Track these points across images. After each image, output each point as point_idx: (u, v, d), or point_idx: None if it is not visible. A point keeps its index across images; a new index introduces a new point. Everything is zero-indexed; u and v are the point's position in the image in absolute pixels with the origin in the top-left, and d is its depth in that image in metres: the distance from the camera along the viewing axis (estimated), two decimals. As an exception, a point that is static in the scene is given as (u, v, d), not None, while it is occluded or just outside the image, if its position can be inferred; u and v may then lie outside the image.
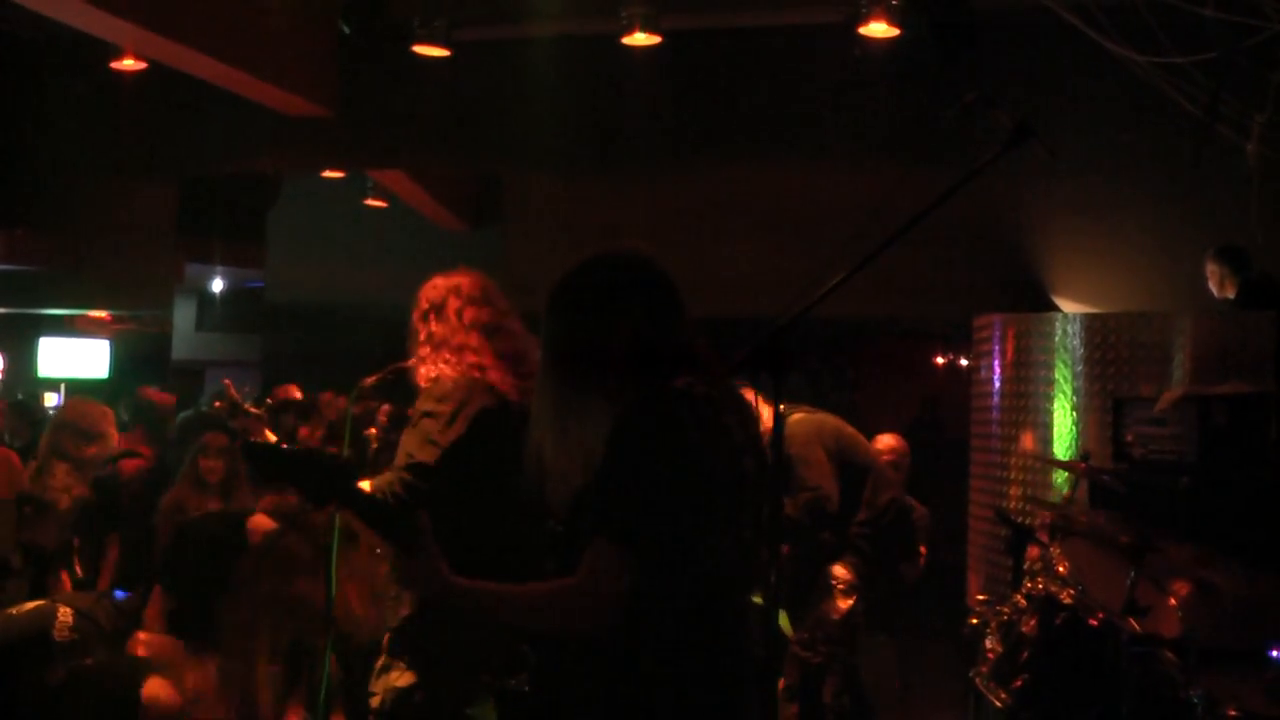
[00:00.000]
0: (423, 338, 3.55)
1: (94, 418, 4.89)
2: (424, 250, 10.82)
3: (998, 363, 6.04)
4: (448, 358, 3.51)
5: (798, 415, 5.18)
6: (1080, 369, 5.45)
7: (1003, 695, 3.58)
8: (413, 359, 3.57)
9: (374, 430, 6.53)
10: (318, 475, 2.49)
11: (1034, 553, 4.26)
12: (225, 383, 4.41)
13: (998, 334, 6.07)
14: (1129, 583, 3.43)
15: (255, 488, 5.22)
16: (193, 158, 9.81)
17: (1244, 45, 5.89)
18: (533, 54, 8.48)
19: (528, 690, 2.36)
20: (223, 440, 5.35)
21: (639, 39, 7.48)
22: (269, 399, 7.05)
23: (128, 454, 5.49)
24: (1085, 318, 5.68)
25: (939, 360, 13.43)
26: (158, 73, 8.38)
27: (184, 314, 13.93)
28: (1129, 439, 5.01)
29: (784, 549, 5.05)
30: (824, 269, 2.28)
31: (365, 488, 3.35)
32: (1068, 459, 5.32)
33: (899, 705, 5.74)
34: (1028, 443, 5.68)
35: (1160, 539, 3.56)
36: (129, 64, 8.36)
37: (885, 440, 6.14)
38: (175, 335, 13.79)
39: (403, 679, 3.60)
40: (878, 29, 7.04)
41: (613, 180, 8.92)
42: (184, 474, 5.38)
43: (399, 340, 3.61)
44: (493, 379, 3.48)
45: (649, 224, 8.57)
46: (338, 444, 5.72)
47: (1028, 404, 5.70)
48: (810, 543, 5.03)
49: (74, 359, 13.30)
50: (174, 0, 7.35)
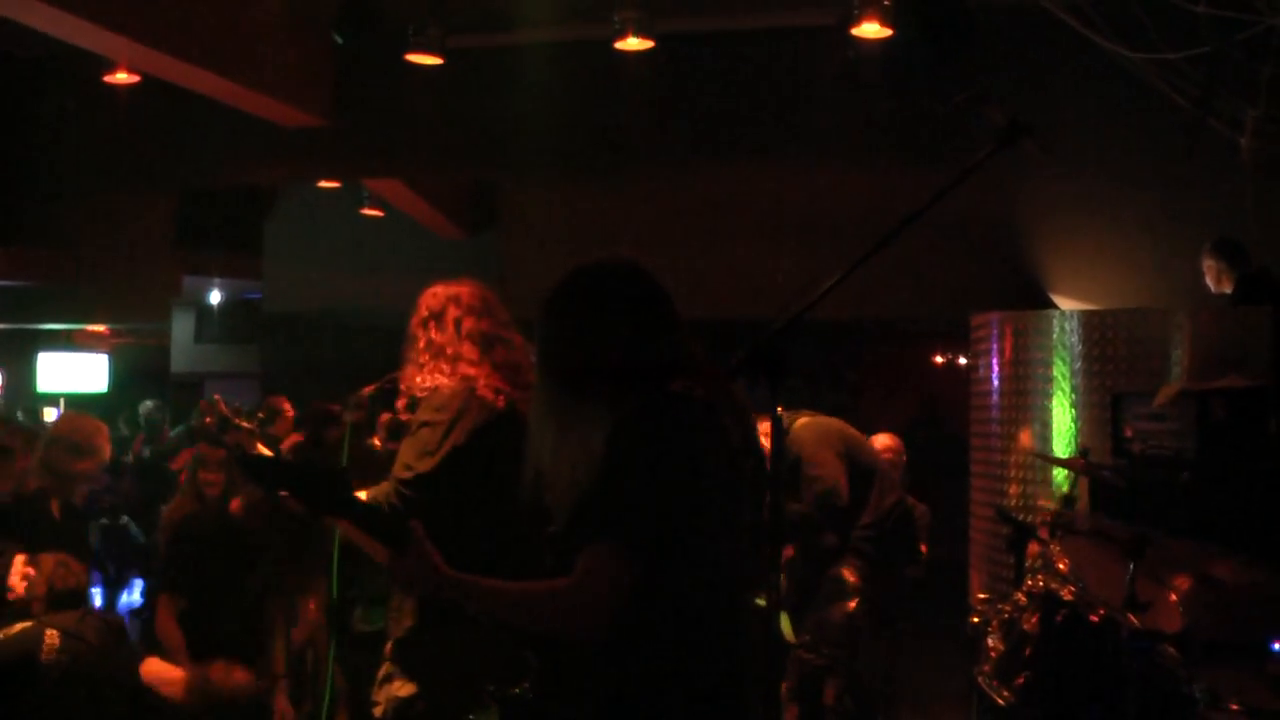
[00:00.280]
0: (421, 345, 3.54)
1: (86, 432, 4.86)
2: (421, 259, 10.82)
3: (996, 361, 6.04)
4: (444, 367, 3.50)
5: (803, 420, 5.18)
6: (1079, 366, 5.46)
7: (1005, 693, 3.59)
8: (409, 364, 3.56)
9: (378, 440, 6.50)
10: (313, 485, 2.50)
11: (1035, 550, 4.26)
12: (215, 398, 4.41)
13: (996, 332, 6.07)
14: (1129, 578, 3.43)
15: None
16: (189, 171, 9.82)
17: (1236, 39, 5.90)
18: (526, 61, 8.49)
19: (530, 697, 2.36)
20: (220, 453, 5.36)
21: (632, 44, 7.48)
22: (260, 412, 7.03)
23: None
24: (1083, 315, 5.68)
25: (937, 359, 13.44)
26: (153, 87, 8.39)
27: (182, 326, 13.95)
28: (1128, 435, 5.02)
29: (789, 549, 5.06)
30: (821, 270, 2.28)
31: (362, 497, 3.36)
32: (1067, 456, 5.32)
33: (899, 705, 5.74)
34: (1027, 440, 5.68)
35: (1160, 534, 3.56)
36: (122, 77, 8.37)
37: (881, 440, 6.14)
38: (174, 348, 13.80)
39: (405, 689, 3.60)
40: (870, 30, 7.03)
41: (609, 185, 8.93)
42: (183, 488, 5.41)
43: (397, 349, 3.62)
44: (486, 390, 3.47)
45: (645, 229, 8.58)
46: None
47: (1027, 401, 5.71)
48: (820, 538, 5.02)
49: (73, 373, 13.31)
50: (168, 14, 7.35)
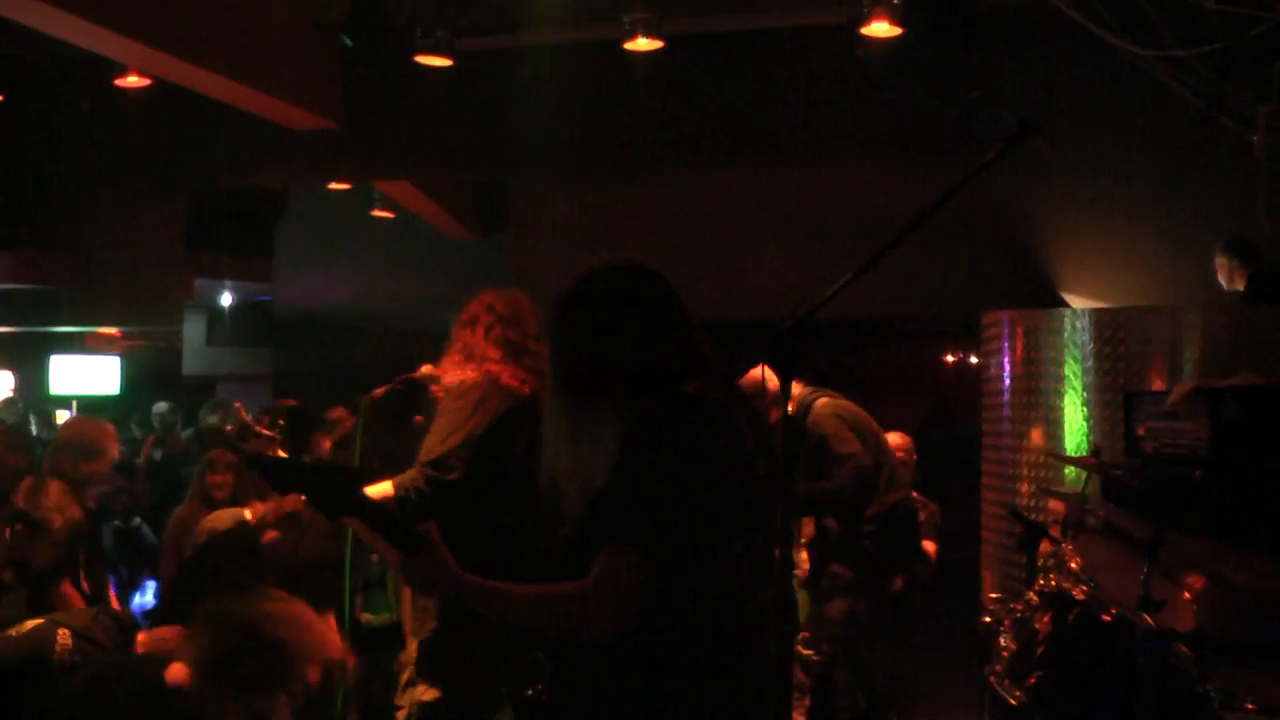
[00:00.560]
0: (458, 345, 3.78)
1: (93, 435, 4.89)
2: (432, 260, 10.83)
3: (1007, 360, 6.02)
4: (471, 366, 3.73)
5: (824, 400, 5.12)
6: (1090, 364, 5.44)
7: (1017, 693, 3.57)
8: (447, 361, 3.78)
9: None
10: (326, 486, 2.52)
11: (1047, 549, 4.25)
12: (235, 405, 4.45)
13: (1007, 331, 6.06)
14: (1142, 577, 3.42)
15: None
16: (199, 173, 9.85)
17: (1247, 36, 5.88)
18: (536, 62, 8.49)
19: (544, 699, 2.36)
20: (229, 456, 5.37)
21: (641, 44, 7.48)
22: (280, 419, 6.97)
23: None
24: (1094, 313, 5.66)
25: (948, 358, 13.41)
26: (164, 90, 8.42)
27: (194, 329, 13.95)
28: (1140, 433, 4.99)
29: (828, 522, 5.00)
30: (832, 270, 2.28)
31: (388, 486, 3.43)
32: (1079, 455, 5.31)
33: (911, 704, 5.72)
34: (1038, 439, 5.67)
35: (1173, 533, 3.54)
36: (133, 80, 8.40)
37: (892, 438, 6.11)
38: (186, 350, 13.81)
39: (429, 694, 3.64)
40: (879, 29, 7.03)
41: (619, 186, 8.92)
42: (192, 490, 5.42)
43: (408, 351, 3.72)
44: (511, 380, 3.66)
45: (655, 230, 8.58)
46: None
47: (1038, 400, 5.69)
48: (857, 514, 4.97)
49: (85, 376, 13.33)
50: (179, 18, 7.38)
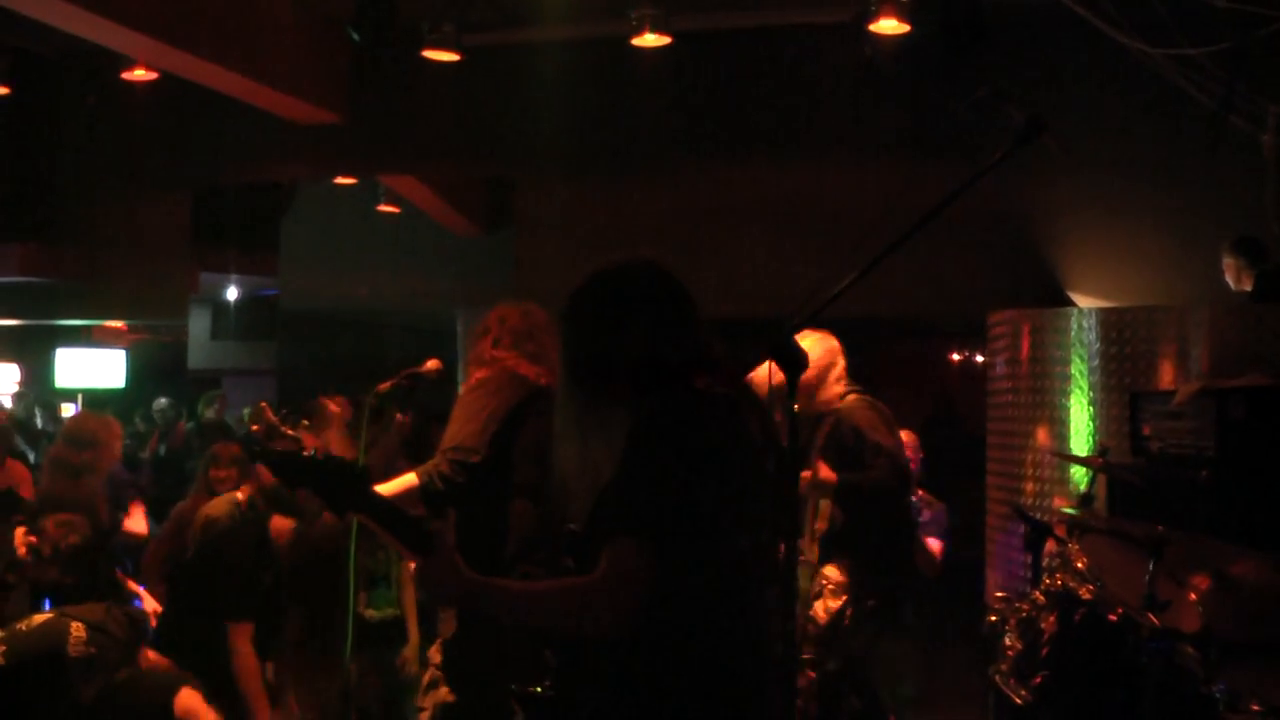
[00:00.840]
0: (472, 355, 3.93)
1: (92, 428, 4.94)
2: (438, 256, 10.83)
3: (1014, 359, 6.02)
4: (485, 369, 3.85)
5: (853, 396, 5.06)
6: (1096, 364, 5.43)
7: (1022, 692, 3.57)
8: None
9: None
10: (333, 481, 2.51)
11: (1052, 548, 4.24)
12: (262, 405, 4.48)
13: (1013, 330, 6.05)
14: (1148, 577, 3.41)
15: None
16: (205, 167, 9.85)
17: (1257, 35, 5.87)
18: (542, 58, 8.49)
19: (551, 696, 2.36)
20: (233, 450, 5.37)
21: (648, 40, 7.48)
22: (304, 419, 6.88)
23: None
24: (1101, 312, 5.65)
25: (955, 357, 13.40)
26: (171, 84, 8.43)
27: (199, 323, 13.97)
28: (1146, 433, 4.98)
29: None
30: (839, 268, 2.28)
31: (412, 476, 3.59)
32: (1085, 454, 5.30)
33: (915, 704, 5.71)
34: (1044, 438, 5.65)
35: (1179, 533, 3.53)
36: (139, 74, 8.40)
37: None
38: (191, 344, 13.81)
39: (450, 696, 3.68)
40: (888, 26, 7.02)
41: (625, 182, 8.91)
42: (196, 484, 5.41)
43: (413, 346, 3.76)
44: (528, 371, 3.76)
45: (661, 226, 8.57)
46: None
47: (1044, 400, 5.68)
48: (897, 508, 4.93)
49: (91, 369, 13.35)
50: (186, 12, 7.38)
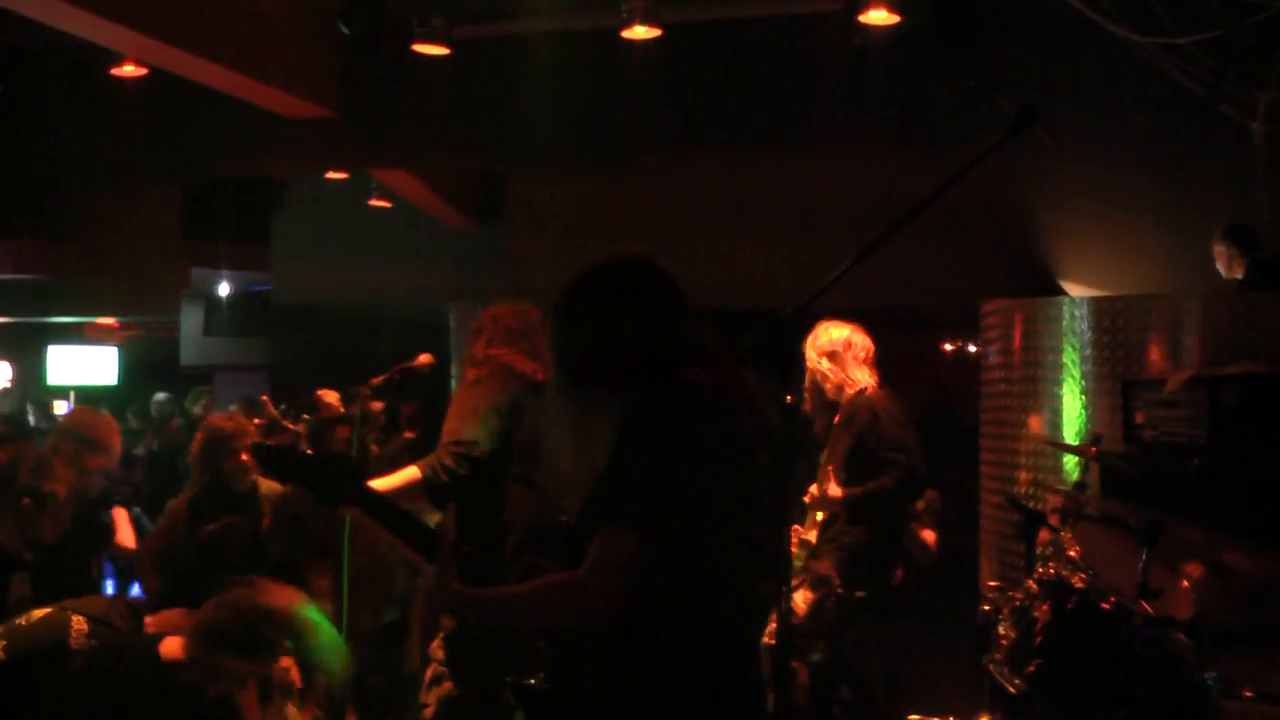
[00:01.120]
0: (466, 355, 3.96)
1: (99, 429, 4.86)
2: (430, 249, 10.82)
3: (1006, 348, 6.03)
4: (479, 368, 3.87)
5: (871, 386, 5.02)
6: (1089, 352, 5.44)
7: (1016, 681, 3.58)
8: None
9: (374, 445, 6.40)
10: (327, 477, 2.52)
11: (1045, 537, 4.25)
12: (264, 399, 4.47)
13: (1006, 319, 6.05)
14: (1141, 566, 3.42)
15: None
16: (196, 163, 9.81)
17: (1247, 24, 5.87)
18: (533, 51, 8.46)
19: (546, 688, 2.37)
20: None
21: (639, 32, 7.46)
22: (306, 415, 6.84)
23: None
24: (1093, 301, 5.66)
25: (947, 347, 13.42)
26: (160, 79, 8.39)
27: (191, 319, 13.95)
28: (1139, 421, 4.99)
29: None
30: (831, 259, 2.28)
31: (414, 470, 3.61)
32: (1078, 443, 5.31)
33: (909, 693, 5.71)
34: (1037, 427, 5.67)
35: (1172, 521, 3.55)
36: (129, 69, 8.37)
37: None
38: (183, 340, 13.80)
39: (453, 690, 3.69)
40: (878, 16, 7.01)
41: (616, 175, 8.91)
42: (190, 478, 5.40)
43: (405, 340, 3.76)
44: (524, 365, 3.77)
45: (653, 218, 8.56)
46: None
47: (1037, 389, 5.69)
48: (900, 514, 4.93)
49: (83, 366, 13.33)
50: (175, 7, 7.34)
